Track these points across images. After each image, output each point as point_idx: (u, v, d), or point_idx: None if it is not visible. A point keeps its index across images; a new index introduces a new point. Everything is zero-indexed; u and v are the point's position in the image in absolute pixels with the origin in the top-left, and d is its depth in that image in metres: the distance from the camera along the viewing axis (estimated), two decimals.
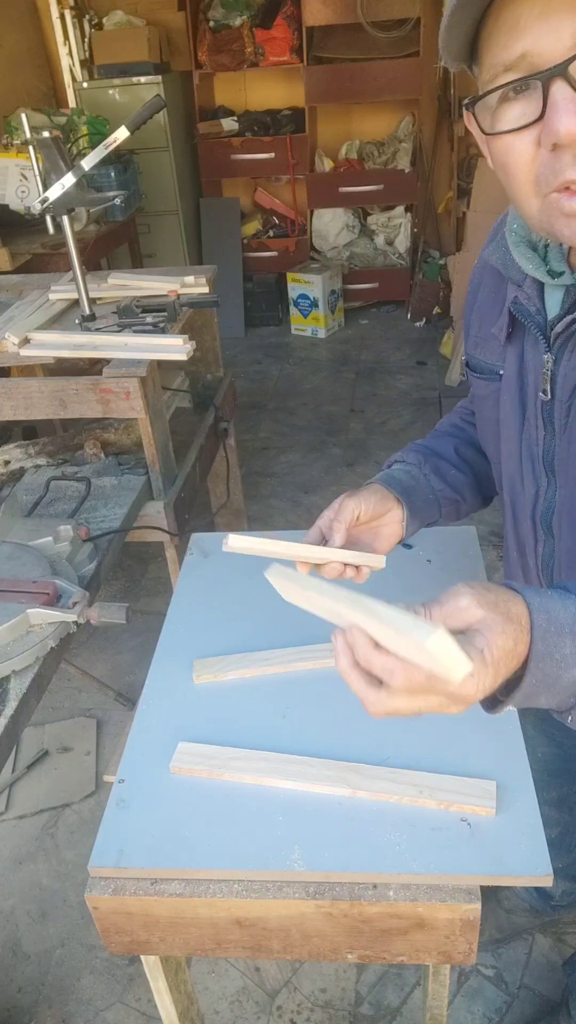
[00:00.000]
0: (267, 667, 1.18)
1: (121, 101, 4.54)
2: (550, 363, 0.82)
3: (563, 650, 0.62)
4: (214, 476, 2.56)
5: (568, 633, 0.62)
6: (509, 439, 0.92)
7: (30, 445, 2.04)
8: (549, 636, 0.62)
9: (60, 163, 1.83)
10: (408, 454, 1.06)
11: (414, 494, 0.99)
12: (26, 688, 1.27)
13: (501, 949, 1.60)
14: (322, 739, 1.05)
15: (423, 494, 1.01)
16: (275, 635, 1.23)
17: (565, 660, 0.62)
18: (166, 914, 0.92)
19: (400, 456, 1.06)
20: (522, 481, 0.92)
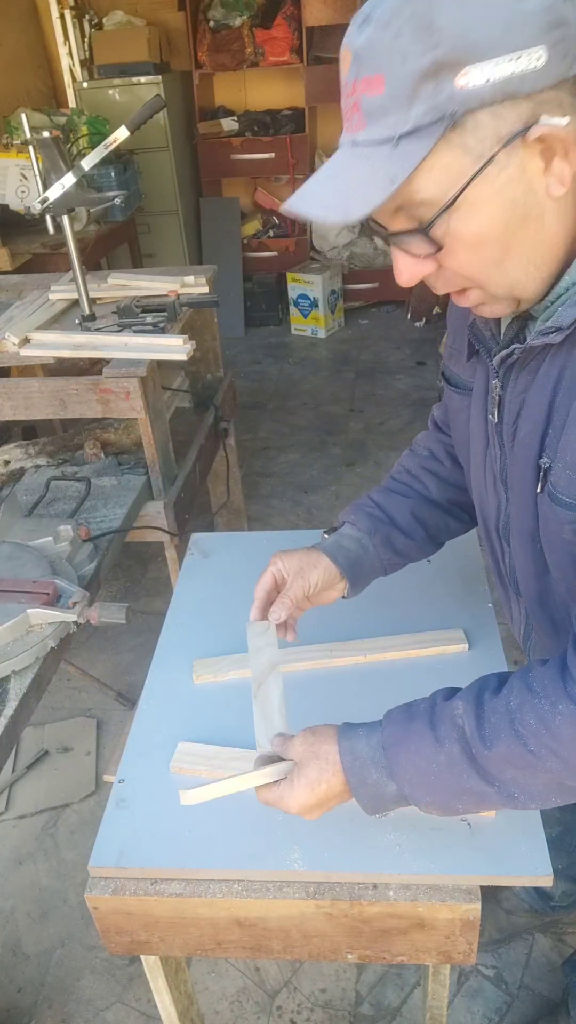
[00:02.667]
0: None
1: (121, 101, 4.53)
2: (497, 388, 0.85)
3: (371, 776, 0.80)
4: (214, 476, 2.56)
5: (370, 762, 0.80)
6: (476, 454, 0.95)
7: (30, 445, 2.04)
8: (356, 769, 0.81)
9: (60, 163, 1.83)
10: (361, 518, 1.10)
11: (360, 566, 1.08)
12: (26, 688, 1.27)
13: (501, 949, 1.60)
14: None
15: (370, 564, 1.09)
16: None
17: (376, 783, 0.80)
18: (166, 914, 0.92)
19: (352, 518, 1.10)
20: (487, 494, 0.95)
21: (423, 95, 0.62)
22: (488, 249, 0.69)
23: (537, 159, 0.65)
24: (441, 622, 1.23)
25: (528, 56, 0.60)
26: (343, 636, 1.22)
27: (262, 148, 4.80)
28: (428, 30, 0.60)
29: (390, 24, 0.62)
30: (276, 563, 1.05)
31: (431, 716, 0.79)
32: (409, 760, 0.79)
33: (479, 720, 0.76)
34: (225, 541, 1.52)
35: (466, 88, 0.61)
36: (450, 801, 0.79)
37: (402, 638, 1.21)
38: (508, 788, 0.76)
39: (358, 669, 1.18)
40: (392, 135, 0.64)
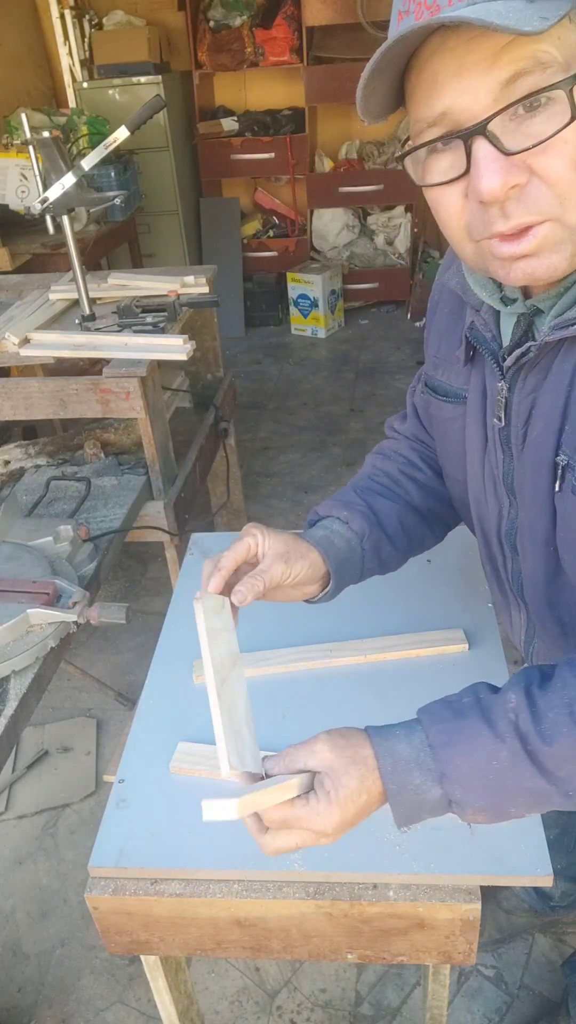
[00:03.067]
0: (267, 667, 1.18)
1: (121, 101, 4.53)
2: (504, 390, 0.82)
3: (414, 781, 0.70)
4: (214, 476, 2.56)
5: (414, 765, 0.70)
6: (474, 461, 0.92)
7: (30, 445, 2.04)
8: (397, 774, 0.70)
9: (60, 163, 1.83)
10: (355, 517, 0.99)
11: (345, 570, 0.97)
12: (26, 688, 1.27)
13: (501, 949, 1.60)
14: None
15: (351, 571, 0.98)
16: (275, 635, 1.23)
17: (419, 788, 0.70)
18: (166, 914, 0.92)
19: (345, 515, 0.99)
20: (487, 502, 0.93)
21: None
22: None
23: None
24: (441, 622, 1.23)
25: None
26: (343, 636, 1.22)
27: (262, 148, 4.80)
28: None
29: None
30: (255, 535, 0.90)
31: (482, 711, 0.71)
32: (465, 760, 0.70)
33: (534, 714, 0.69)
34: (225, 541, 1.51)
35: None
36: (506, 804, 0.72)
37: (402, 638, 1.21)
38: (565, 786, 0.70)
39: (358, 669, 1.17)
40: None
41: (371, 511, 1.00)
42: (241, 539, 0.90)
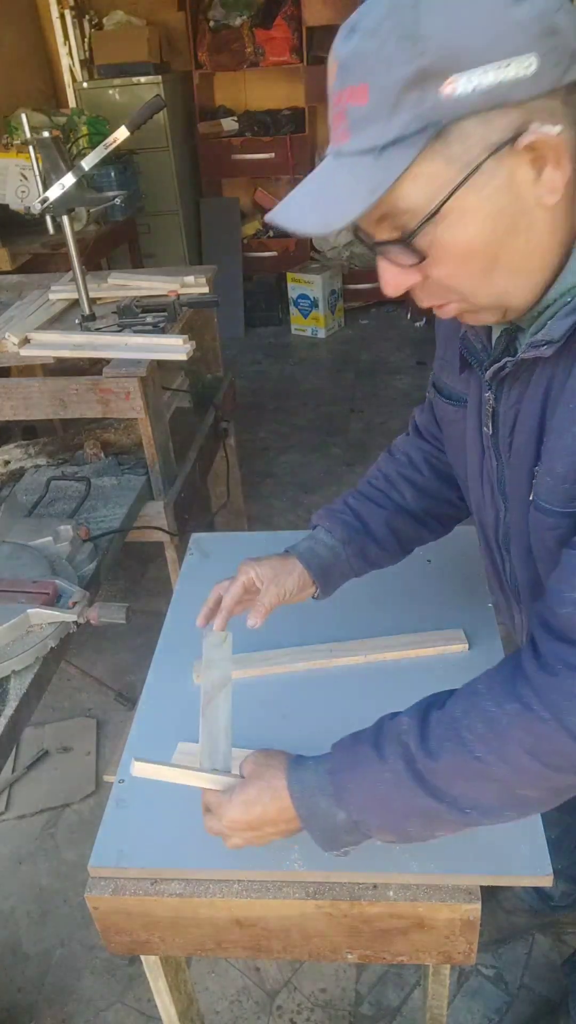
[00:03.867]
0: (267, 667, 1.18)
1: (121, 101, 4.53)
2: (491, 400, 0.84)
3: (320, 806, 0.79)
4: (214, 476, 2.56)
5: (317, 791, 0.79)
6: (472, 464, 0.94)
7: (30, 445, 2.04)
8: (304, 798, 0.80)
9: (60, 163, 1.83)
10: (336, 525, 1.09)
11: (332, 572, 1.09)
12: (26, 688, 1.27)
13: (501, 949, 1.60)
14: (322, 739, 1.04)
15: (340, 571, 1.10)
16: (275, 635, 1.23)
17: (327, 812, 0.79)
18: (166, 914, 0.92)
19: (328, 524, 1.10)
20: (485, 505, 0.95)
21: (407, 104, 0.61)
22: (475, 260, 0.68)
23: (527, 168, 0.64)
24: (441, 622, 1.23)
25: (518, 64, 0.59)
26: (343, 636, 1.22)
27: (262, 148, 4.80)
28: (413, 38, 0.60)
29: (376, 33, 0.62)
30: (248, 572, 1.06)
31: (376, 736, 0.78)
32: (355, 783, 0.77)
33: (423, 733, 0.74)
34: (225, 541, 1.52)
35: (452, 96, 0.60)
36: (401, 823, 0.77)
37: (402, 638, 1.21)
38: (459, 803, 0.73)
39: (358, 669, 1.17)
40: (376, 144, 0.63)
41: (356, 518, 1.10)
42: (237, 579, 1.06)
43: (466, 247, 0.67)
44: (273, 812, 0.81)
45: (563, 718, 0.67)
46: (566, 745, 0.68)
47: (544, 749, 0.69)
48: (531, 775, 0.71)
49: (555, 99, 0.62)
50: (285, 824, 0.82)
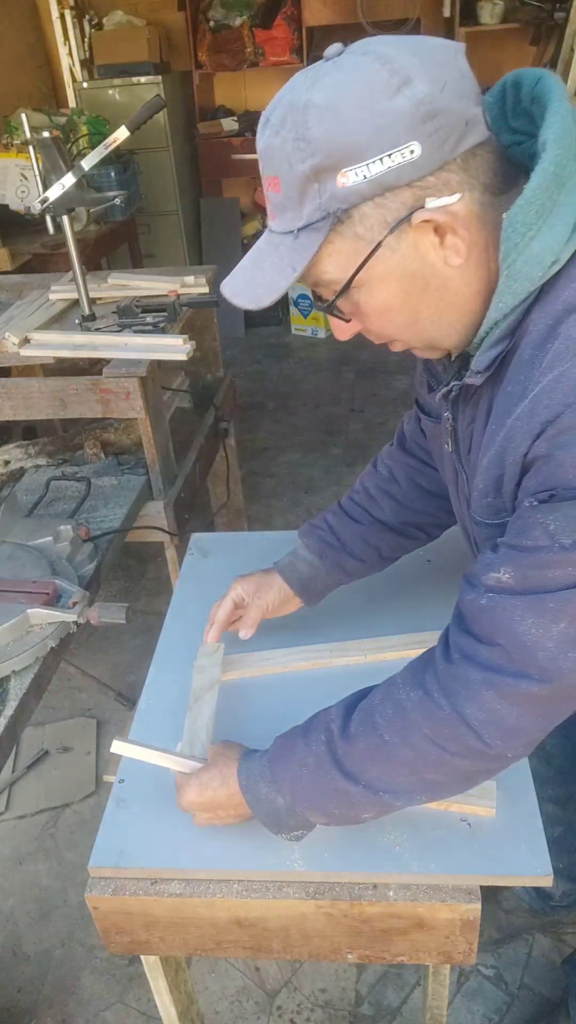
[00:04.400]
0: (267, 667, 1.18)
1: (121, 101, 4.53)
2: (450, 419, 0.89)
3: (262, 792, 0.87)
4: (214, 476, 2.56)
5: (259, 778, 0.88)
6: (449, 480, 0.99)
7: (30, 445, 2.04)
8: (250, 786, 0.88)
9: (60, 163, 1.83)
10: (313, 541, 1.18)
11: (313, 585, 1.18)
12: (26, 688, 1.27)
13: (501, 949, 1.60)
14: None
15: (322, 582, 1.18)
16: (275, 635, 1.23)
17: (268, 797, 0.87)
18: (166, 914, 0.92)
19: (306, 540, 1.19)
20: (463, 516, 0.98)
21: (310, 195, 0.69)
22: (396, 316, 0.76)
23: (430, 235, 0.70)
24: (441, 622, 1.22)
25: (400, 153, 0.65)
26: (343, 636, 1.22)
27: None
28: (304, 140, 0.66)
29: (278, 131, 0.69)
30: (236, 588, 1.18)
31: (307, 726, 0.88)
32: (286, 768, 0.86)
33: (345, 719, 0.83)
34: (225, 541, 1.52)
35: (346, 187, 0.67)
36: (325, 805, 0.84)
37: (402, 638, 1.21)
38: (373, 786, 0.80)
39: (358, 669, 1.17)
40: (291, 229, 0.72)
41: (332, 534, 1.17)
42: (227, 595, 1.18)
43: (384, 307, 0.75)
44: (223, 796, 0.90)
45: (458, 705, 0.75)
46: (461, 730, 0.75)
47: (442, 734, 0.76)
48: (432, 759, 0.78)
49: (449, 171, 0.68)
50: (234, 808, 0.90)
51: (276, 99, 0.71)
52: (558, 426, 0.65)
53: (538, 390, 0.68)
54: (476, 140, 0.68)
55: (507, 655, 0.72)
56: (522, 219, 0.67)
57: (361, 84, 0.65)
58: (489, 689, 0.73)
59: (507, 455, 0.72)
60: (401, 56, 0.65)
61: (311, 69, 0.69)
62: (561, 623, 0.69)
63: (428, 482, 1.13)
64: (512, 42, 4.61)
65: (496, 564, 0.73)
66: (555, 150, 0.66)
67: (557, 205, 0.67)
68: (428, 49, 0.67)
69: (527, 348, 0.70)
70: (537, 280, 0.69)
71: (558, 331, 0.67)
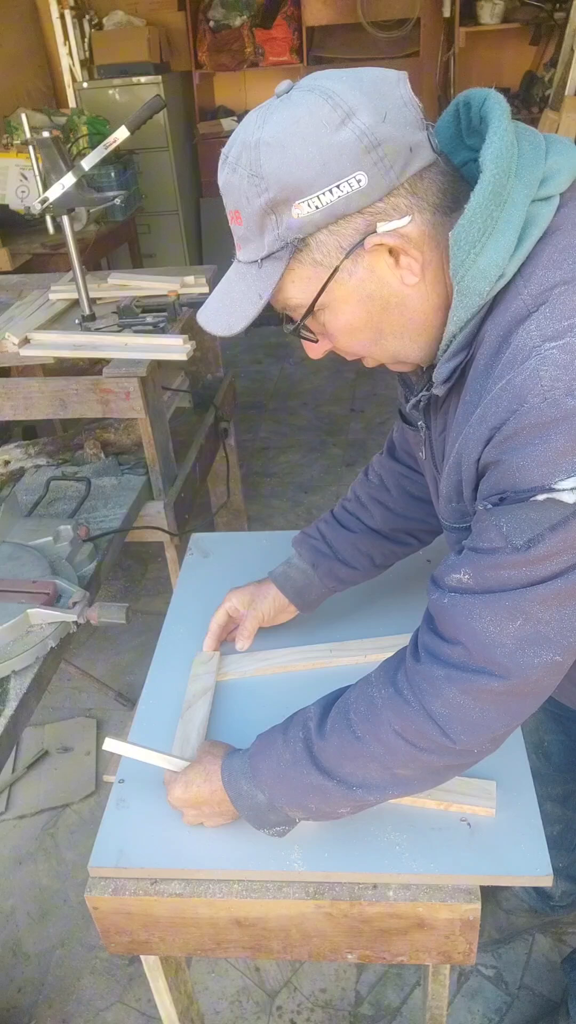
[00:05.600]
0: (267, 667, 1.18)
1: (121, 101, 4.54)
2: (423, 428, 0.92)
3: (243, 787, 0.89)
4: (214, 476, 2.56)
5: (240, 774, 0.89)
6: (430, 484, 1.01)
7: (30, 445, 2.04)
8: (232, 782, 0.90)
9: (60, 163, 1.83)
10: (305, 550, 1.20)
11: (307, 593, 1.20)
12: (26, 688, 1.27)
13: (501, 949, 1.60)
14: None
15: (316, 590, 1.20)
16: (275, 635, 1.23)
17: (248, 793, 0.89)
18: (166, 914, 0.92)
19: (299, 549, 1.21)
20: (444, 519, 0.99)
21: (268, 227, 0.73)
22: (360, 335, 0.80)
23: (385, 257, 0.73)
24: None
25: (348, 183, 0.69)
26: (343, 636, 1.22)
27: None
28: (258, 176, 0.71)
29: (236, 168, 0.73)
30: (230, 599, 1.21)
31: (286, 724, 0.90)
32: (265, 764, 0.88)
33: (322, 717, 0.85)
34: (225, 541, 1.52)
35: (300, 218, 0.71)
36: (302, 800, 0.86)
37: (402, 638, 1.20)
38: (347, 781, 0.83)
39: (358, 669, 1.17)
40: (255, 259, 0.76)
41: (324, 543, 1.19)
42: (220, 607, 1.21)
43: (348, 327, 0.79)
44: (206, 792, 0.92)
45: (424, 701, 0.77)
46: (427, 726, 0.77)
47: (409, 730, 0.78)
48: (402, 754, 0.80)
49: (398, 196, 0.71)
50: (218, 805, 0.92)
51: (232, 137, 0.75)
52: (504, 432, 0.68)
53: (488, 398, 0.70)
54: (422, 164, 0.71)
55: (468, 652, 0.75)
56: (466, 237, 0.70)
57: (307, 120, 0.68)
58: (452, 685, 0.76)
59: (463, 461, 0.75)
60: (344, 90, 0.69)
61: (263, 107, 0.73)
62: (517, 621, 0.71)
63: (417, 489, 1.16)
64: (512, 42, 4.62)
65: (457, 565, 0.76)
66: (493, 169, 0.69)
67: (499, 222, 0.70)
68: (369, 81, 0.70)
69: (482, 359, 0.73)
70: (486, 294, 0.72)
71: (509, 341, 0.70)
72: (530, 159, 0.72)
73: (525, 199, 0.71)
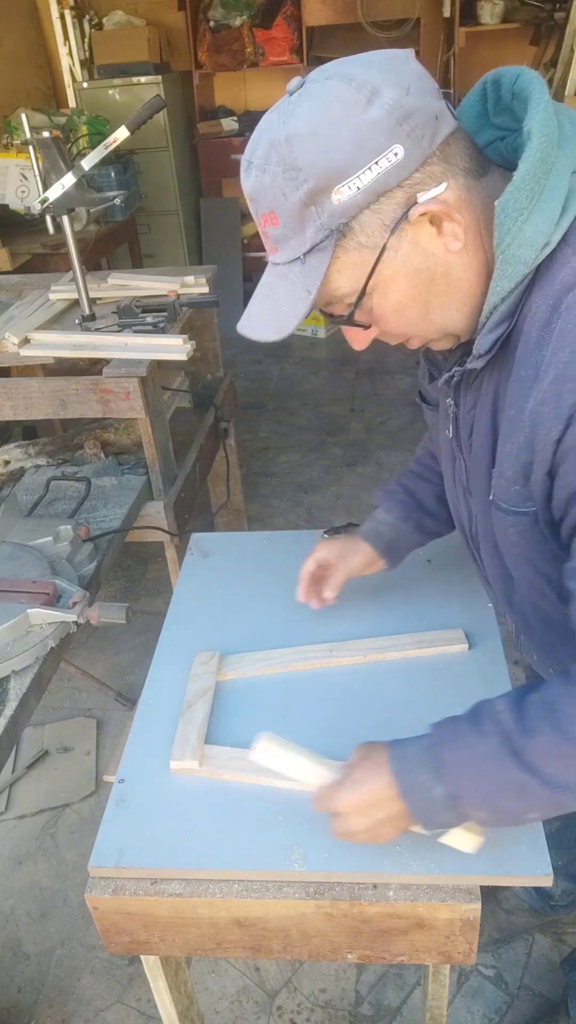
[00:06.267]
0: (267, 667, 1.18)
1: (121, 101, 4.53)
2: (451, 406, 0.92)
3: (420, 778, 0.82)
4: (214, 476, 2.56)
5: (418, 764, 0.82)
6: (446, 468, 1.02)
7: (30, 445, 2.04)
8: (404, 772, 0.83)
9: (60, 163, 1.83)
10: (394, 505, 1.21)
11: (397, 547, 1.21)
12: (26, 688, 1.27)
13: (501, 949, 1.60)
14: (322, 739, 1.05)
15: (404, 544, 1.22)
16: (275, 635, 1.23)
17: (425, 785, 0.81)
18: (166, 914, 0.92)
19: (387, 505, 1.22)
20: (458, 504, 1.01)
21: (309, 219, 0.73)
22: (410, 312, 0.79)
23: (428, 227, 0.74)
24: (441, 622, 1.23)
25: (386, 158, 0.69)
26: (343, 636, 1.22)
27: None
28: (294, 170, 0.70)
29: (265, 168, 0.73)
30: (320, 551, 1.21)
31: (474, 715, 0.83)
32: (454, 755, 0.81)
33: (520, 713, 0.79)
34: (225, 541, 1.52)
35: (342, 202, 0.71)
36: (494, 797, 0.80)
37: (402, 638, 1.21)
38: (552, 781, 0.77)
39: (358, 669, 1.18)
40: (297, 255, 0.75)
41: (410, 495, 1.21)
42: (310, 556, 1.21)
43: (398, 305, 0.78)
44: (377, 789, 0.84)
45: None
46: None
47: None
48: None
49: (432, 164, 0.72)
50: (388, 803, 0.84)
51: (254, 141, 0.75)
52: None
53: (556, 373, 0.70)
54: (448, 131, 0.72)
55: None
56: (514, 204, 0.70)
57: (334, 105, 0.69)
58: None
59: (537, 441, 0.74)
60: (362, 72, 0.70)
61: (280, 105, 0.73)
62: None
63: None
64: (512, 42, 4.61)
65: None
66: (540, 137, 0.70)
67: (545, 189, 0.71)
68: (381, 60, 0.71)
69: (533, 330, 0.73)
70: (531, 262, 0.72)
71: (560, 310, 0.70)
72: (569, 132, 0.73)
73: (567, 169, 0.72)
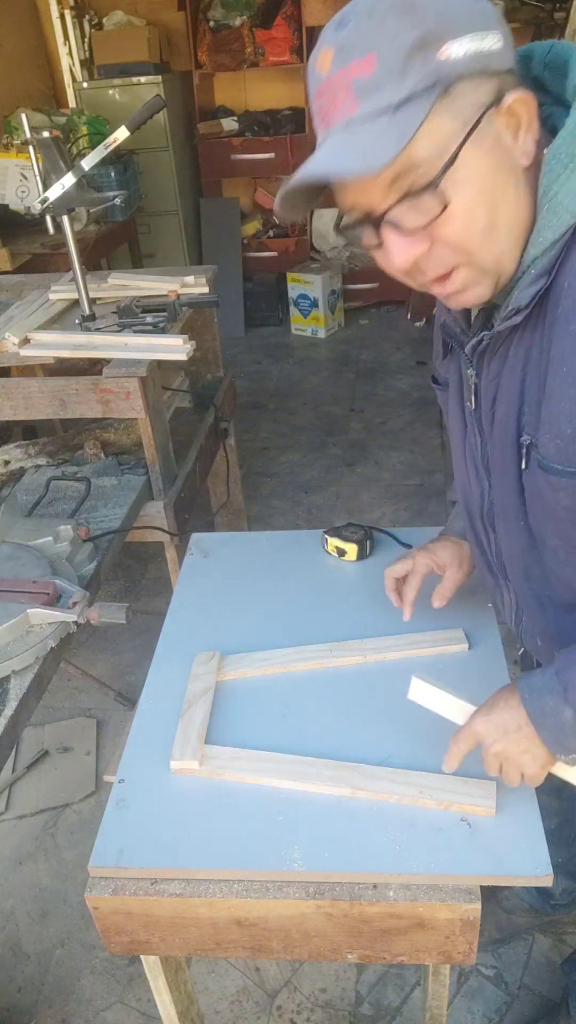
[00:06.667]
0: (267, 667, 1.18)
1: (121, 101, 4.53)
2: (472, 376, 0.90)
3: (548, 703, 0.85)
4: (214, 476, 2.56)
5: (545, 690, 0.86)
6: (456, 445, 1.00)
7: (30, 445, 2.04)
8: (533, 699, 0.87)
9: (60, 163, 1.83)
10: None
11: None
12: (26, 688, 1.27)
13: (501, 949, 1.60)
14: (322, 739, 1.05)
15: None
16: (275, 635, 1.23)
17: (554, 709, 0.85)
18: (166, 914, 0.92)
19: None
20: (470, 483, 1.00)
21: (414, 66, 0.68)
22: (479, 213, 0.73)
23: (506, 131, 0.72)
24: (441, 622, 1.23)
25: (492, 37, 0.69)
26: (343, 636, 1.22)
27: (262, 148, 4.80)
28: (412, 11, 0.68)
29: (372, 13, 0.69)
30: (426, 561, 1.19)
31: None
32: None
33: None
34: (225, 541, 1.52)
35: (448, 60, 0.68)
36: None
37: (402, 638, 1.21)
38: None
39: (358, 669, 1.17)
40: (390, 104, 0.69)
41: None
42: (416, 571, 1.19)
43: (471, 202, 0.72)
44: (507, 716, 0.89)
45: None
46: None
47: None
48: None
49: (512, 76, 0.72)
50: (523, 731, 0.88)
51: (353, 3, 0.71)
52: None
53: None
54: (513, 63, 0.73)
55: None
56: (565, 150, 0.71)
57: None
58: None
59: None
60: None
61: None
62: None
63: None
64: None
65: None
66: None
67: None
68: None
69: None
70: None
71: None
72: None
73: None
